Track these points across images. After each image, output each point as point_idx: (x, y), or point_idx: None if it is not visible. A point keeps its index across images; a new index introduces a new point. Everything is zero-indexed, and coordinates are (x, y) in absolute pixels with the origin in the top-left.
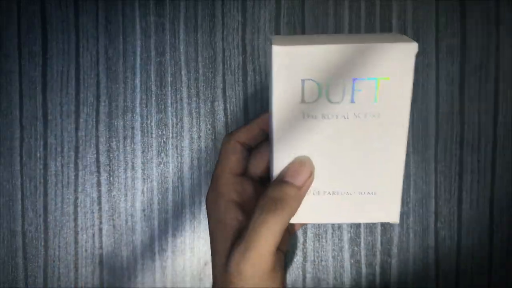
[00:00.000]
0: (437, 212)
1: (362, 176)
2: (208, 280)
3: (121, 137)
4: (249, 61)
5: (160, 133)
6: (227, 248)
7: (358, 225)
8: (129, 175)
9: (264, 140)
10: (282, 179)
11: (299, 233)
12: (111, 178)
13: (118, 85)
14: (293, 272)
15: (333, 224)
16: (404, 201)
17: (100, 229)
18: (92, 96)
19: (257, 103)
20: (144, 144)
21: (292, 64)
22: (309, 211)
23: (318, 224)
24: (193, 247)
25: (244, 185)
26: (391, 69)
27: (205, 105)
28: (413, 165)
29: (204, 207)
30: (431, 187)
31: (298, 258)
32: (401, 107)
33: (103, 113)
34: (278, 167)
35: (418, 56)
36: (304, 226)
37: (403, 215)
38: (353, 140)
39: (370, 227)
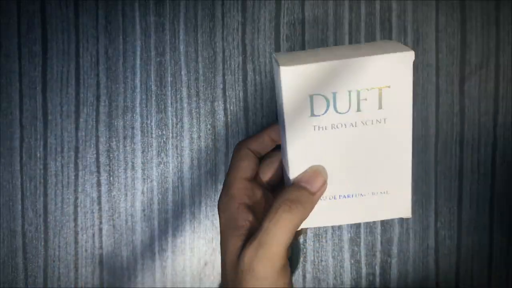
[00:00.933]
0: (437, 212)
1: (374, 178)
2: (208, 280)
3: (121, 137)
4: (249, 61)
5: (160, 133)
6: (238, 247)
7: (358, 225)
8: (129, 175)
9: (274, 149)
10: (298, 184)
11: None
12: (111, 178)
13: (118, 85)
14: (293, 272)
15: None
16: None
17: (100, 229)
18: (92, 96)
19: (257, 103)
20: (144, 144)
21: (300, 82)
22: (327, 215)
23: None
24: (193, 247)
25: (254, 190)
26: (392, 77)
27: (205, 105)
28: (413, 165)
29: (204, 207)
30: (431, 187)
31: (298, 258)
32: (404, 111)
33: (103, 113)
34: (295, 178)
35: (417, 57)
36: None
37: None
38: (363, 145)
39: (370, 227)
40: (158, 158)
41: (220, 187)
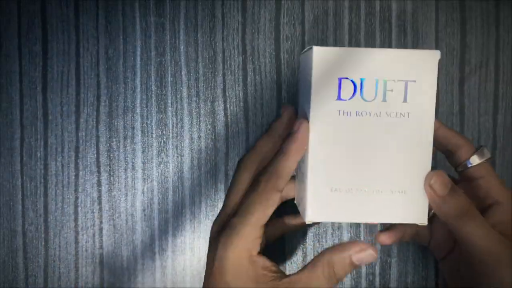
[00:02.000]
0: None
1: (392, 174)
2: None
3: (121, 137)
4: (249, 61)
5: (160, 133)
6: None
7: (358, 225)
8: (129, 175)
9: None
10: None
11: (299, 233)
12: (112, 178)
13: (118, 85)
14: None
15: (333, 224)
16: None
17: (101, 229)
18: (92, 96)
19: (257, 103)
20: (144, 144)
21: (330, 64)
22: (342, 210)
23: (318, 224)
24: (193, 247)
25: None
26: (417, 73)
27: (205, 105)
28: None
29: (204, 207)
30: None
31: (298, 258)
32: (427, 108)
33: (104, 113)
34: (313, 162)
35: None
36: (303, 226)
37: None
38: (384, 138)
39: (370, 227)
40: (158, 158)
41: (220, 186)
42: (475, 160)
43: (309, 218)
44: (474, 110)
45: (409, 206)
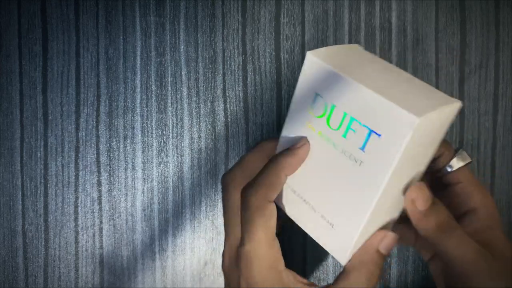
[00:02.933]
0: None
1: (330, 203)
2: (208, 280)
3: (121, 137)
4: (249, 61)
5: (160, 133)
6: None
7: None
8: (130, 175)
9: None
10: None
11: (299, 233)
12: (112, 178)
13: (118, 85)
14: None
15: None
16: None
17: (101, 229)
18: (92, 96)
19: (257, 103)
20: (145, 144)
21: (315, 76)
22: (293, 208)
23: None
24: (193, 247)
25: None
26: (386, 128)
27: (205, 105)
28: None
29: (204, 207)
30: None
31: (298, 258)
32: (384, 167)
33: (104, 113)
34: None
35: (417, 57)
36: None
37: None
38: (334, 170)
39: None
40: (158, 158)
41: (220, 186)
42: (454, 164)
43: (277, 203)
44: (474, 110)
45: (333, 239)
